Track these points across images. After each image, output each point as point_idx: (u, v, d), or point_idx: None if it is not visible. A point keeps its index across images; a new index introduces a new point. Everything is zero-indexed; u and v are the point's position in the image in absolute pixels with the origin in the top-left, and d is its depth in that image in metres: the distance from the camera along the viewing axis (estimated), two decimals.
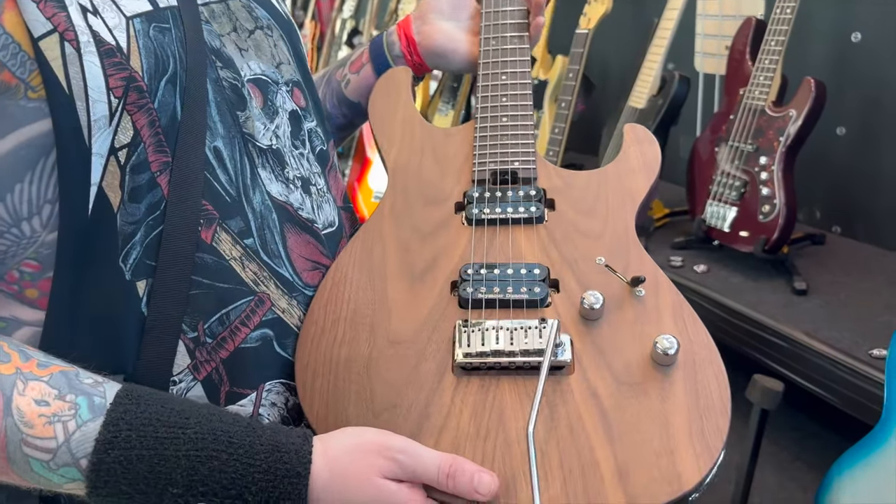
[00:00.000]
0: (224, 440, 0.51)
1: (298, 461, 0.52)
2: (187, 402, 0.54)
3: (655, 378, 0.58)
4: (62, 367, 0.53)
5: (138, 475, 0.50)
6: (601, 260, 0.63)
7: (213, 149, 0.60)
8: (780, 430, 1.47)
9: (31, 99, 0.52)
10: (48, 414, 0.50)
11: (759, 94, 1.49)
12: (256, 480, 0.51)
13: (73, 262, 0.54)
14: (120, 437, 0.50)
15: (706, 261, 1.60)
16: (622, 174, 0.71)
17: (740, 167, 1.52)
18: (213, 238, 0.59)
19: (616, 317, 0.61)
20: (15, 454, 0.50)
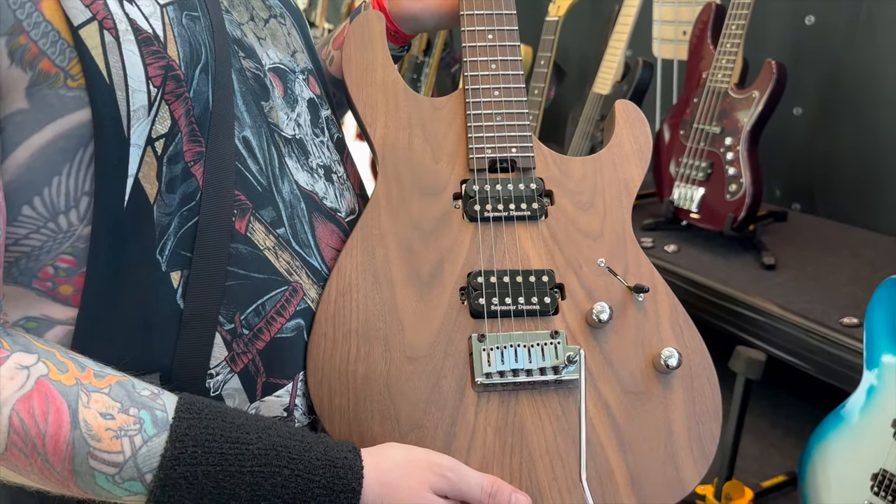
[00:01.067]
0: (285, 456, 0.53)
1: (353, 476, 0.53)
2: (243, 416, 0.54)
3: (657, 386, 0.62)
4: (118, 378, 0.52)
5: (203, 490, 0.50)
6: (602, 262, 0.65)
7: (242, 139, 0.60)
8: (756, 400, 1.53)
9: (71, 88, 0.50)
10: (115, 428, 0.50)
11: (723, 76, 1.54)
12: (316, 495, 0.52)
13: (107, 255, 0.53)
14: (186, 454, 0.50)
15: (676, 241, 1.64)
16: (617, 161, 0.72)
17: (706, 149, 1.56)
18: (248, 228, 0.59)
19: (620, 324, 0.64)
20: (81, 467, 0.49)
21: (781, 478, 1.28)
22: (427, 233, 0.67)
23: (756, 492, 1.24)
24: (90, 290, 0.54)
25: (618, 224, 0.68)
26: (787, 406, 1.53)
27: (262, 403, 0.60)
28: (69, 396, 0.49)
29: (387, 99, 0.72)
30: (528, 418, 0.61)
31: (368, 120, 0.71)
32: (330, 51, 0.87)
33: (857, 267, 1.45)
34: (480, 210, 0.67)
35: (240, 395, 0.59)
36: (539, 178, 0.69)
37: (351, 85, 0.72)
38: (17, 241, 0.52)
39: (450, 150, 0.71)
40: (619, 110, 0.75)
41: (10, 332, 0.51)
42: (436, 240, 0.67)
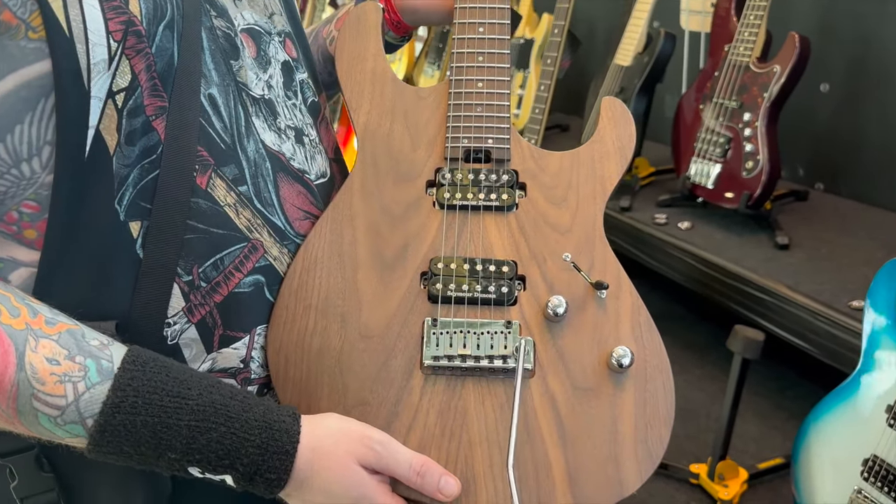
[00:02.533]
0: (223, 413, 0.54)
1: (288, 440, 0.54)
2: (188, 371, 0.56)
3: (608, 384, 0.61)
4: (69, 326, 0.54)
5: (141, 439, 0.52)
6: (567, 257, 0.64)
7: (207, 96, 0.60)
8: (761, 381, 1.51)
9: (32, 39, 0.52)
10: (59, 373, 0.52)
11: (744, 50, 1.50)
12: (249, 454, 0.53)
13: (68, 202, 0.55)
14: (126, 403, 0.52)
15: (691, 218, 1.62)
16: (596, 158, 0.70)
17: (724, 124, 1.53)
18: (208, 184, 0.60)
19: (578, 319, 0.63)
20: (24, 407, 0.51)
21: (779, 460, 1.26)
22: (396, 217, 0.68)
23: (751, 473, 1.23)
24: (52, 236, 0.55)
25: (588, 220, 0.67)
26: (793, 388, 1.51)
27: (219, 355, 0.62)
28: (17, 340, 0.51)
29: (373, 87, 0.73)
30: (472, 404, 0.61)
31: (353, 106, 0.73)
32: (331, 30, 0.88)
33: (874, 248, 1.42)
34: (450, 198, 0.68)
35: (196, 345, 0.61)
36: (513, 169, 0.70)
37: (341, 71, 0.73)
38: None
39: (428, 139, 0.71)
40: (604, 107, 0.74)
41: None
42: (403, 225, 0.68)
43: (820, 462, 1.05)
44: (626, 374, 0.61)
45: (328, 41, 0.87)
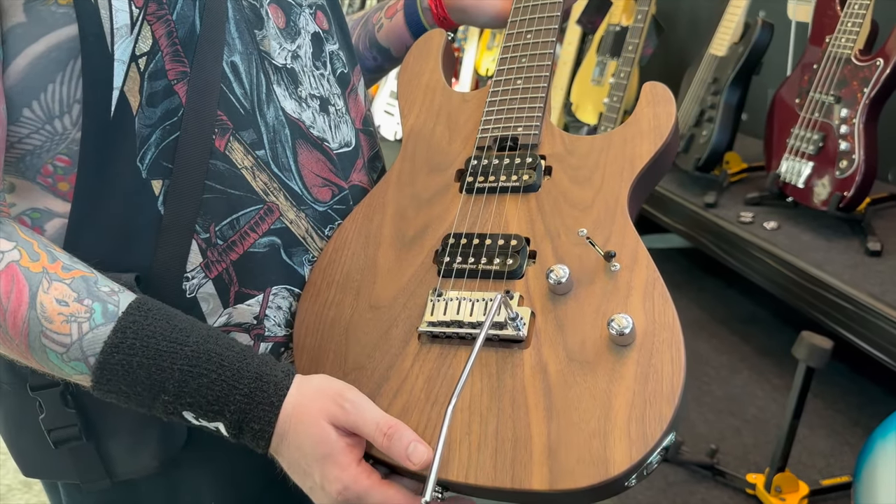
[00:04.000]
0: (216, 361, 0.56)
1: (275, 392, 0.56)
2: (191, 322, 0.58)
3: (609, 358, 0.57)
4: (84, 273, 0.58)
5: (136, 379, 0.56)
6: (583, 232, 0.62)
7: (230, 63, 0.63)
8: (841, 395, 1.42)
9: (61, 5, 0.57)
10: (66, 313, 0.56)
11: (846, 41, 1.40)
12: (236, 401, 0.56)
13: (95, 159, 0.60)
14: (125, 344, 0.55)
15: (778, 218, 1.53)
16: (628, 138, 0.68)
17: (819, 120, 1.44)
18: (226, 147, 0.63)
19: (584, 291, 0.60)
20: (35, 343, 0.56)
21: (846, 478, 1.18)
22: (422, 202, 0.71)
23: (813, 488, 1.16)
24: (80, 190, 0.60)
25: (611, 196, 0.66)
26: (873, 404, 1.41)
27: (235, 310, 0.65)
28: (32, 281, 0.56)
29: (424, 97, 0.79)
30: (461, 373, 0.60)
31: (405, 112, 0.79)
32: (381, 17, 0.90)
33: None
34: (473, 181, 0.69)
35: (213, 300, 0.64)
36: (540, 154, 0.70)
37: (400, 85, 0.81)
38: (21, 139, 0.60)
39: (465, 134, 0.74)
40: (645, 90, 0.72)
41: (2, 220, 0.58)
42: (428, 208, 0.70)
43: (885, 482, 0.97)
44: (630, 346, 0.57)
45: (376, 28, 0.90)
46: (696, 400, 1.50)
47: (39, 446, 0.65)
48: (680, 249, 2.09)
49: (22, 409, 0.65)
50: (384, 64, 0.92)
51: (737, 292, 1.90)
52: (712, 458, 1.26)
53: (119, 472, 0.65)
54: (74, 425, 0.63)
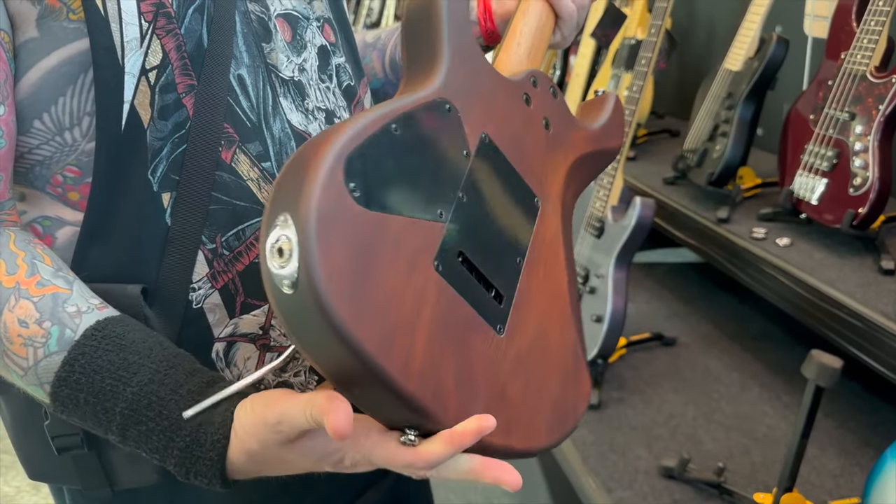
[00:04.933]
0: (156, 408, 0.54)
1: (213, 447, 0.53)
2: (145, 354, 0.55)
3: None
4: (57, 289, 0.57)
5: (85, 414, 0.55)
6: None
7: (237, 76, 0.64)
8: (852, 414, 1.40)
9: (72, 20, 0.57)
10: (25, 336, 0.55)
11: (862, 58, 1.39)
12: (175, 455, 0.54)
13: (107, 172, 0.60)
14: (72, 378, 0.55)
15: (791, 234, 1.52)
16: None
17: (834, 136, 1.43)
18: (233, 159, 0.64)
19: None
20: (0, 360, 0.56)
21: (855, 500, 1.17)
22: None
23: None
24: (93, 202, 0.61)
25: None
26: (885, 424, 1.39)
27: (241, 321, 0.65)
28: (1, 297, 0.56)
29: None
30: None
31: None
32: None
33: None
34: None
35: (220, 310, 0.64)
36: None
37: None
38: (31, 150, 0.60)
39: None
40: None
41: (1, 231, 0.59)
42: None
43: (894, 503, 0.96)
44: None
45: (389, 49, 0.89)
46: (705, 417, 1.49)
47: (44, 451, 0.66)
48: (692, 264, 2.08)
49: (28, 414, 0.66)
50: None
51: (748, 309, 1.89)
52: (719, 477, 1.25)
53: (120, 481, 0.65)
54: (77, 434, 0.64)
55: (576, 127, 0.74)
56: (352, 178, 0.50)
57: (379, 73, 0.91)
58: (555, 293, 0.65)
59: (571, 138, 0.72)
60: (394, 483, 0.82)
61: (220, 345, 0.65)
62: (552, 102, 0.72)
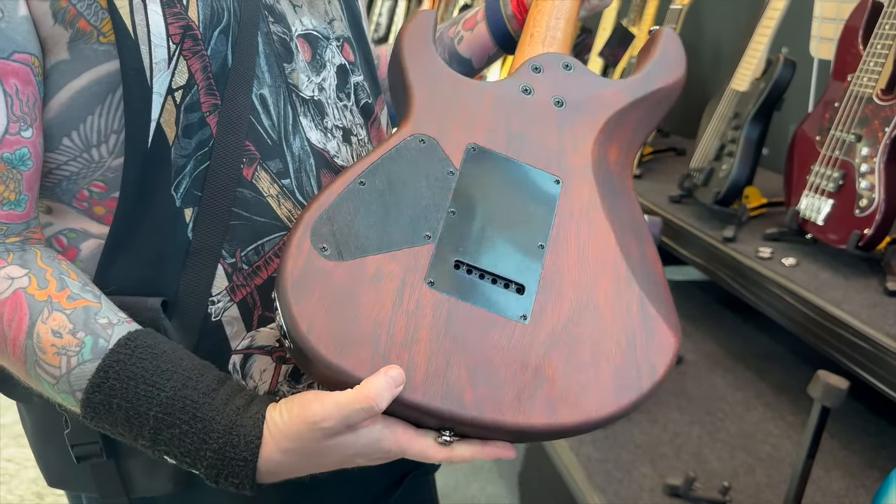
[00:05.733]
0: (190, 411, 0.56)
1: (246, 447, 0.56)
2: (177, 362, 0.58)
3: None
4: (88, 303, 0.59)
5: (117, 420, 0.57)
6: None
7: (259, 96, 0.65)
8: (857, 435, 1.41)
9: (102, 43, 0.59)
10: (58, 345, 0.57)
11: (868, 81, 1.41)
12: (207, 457, 0.56)
13: (134, 188, 0.62)
14: (107, 384, 0.57)
15: (797, 254, 1.53)
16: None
17: (840, 158, 1.44)
18: (254, 176, 0.65)
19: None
20: (31, 371, 0.58)
21: None
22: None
23: None
24: (119, 217, 0.62)
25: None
26: (892, 446, 1.39)
27: (258, 333, 0.66)
28: (34, 309, 0.57)
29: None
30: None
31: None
32: (459, 30, 0.92)
33: None
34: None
35: (238, 323, 0.65)
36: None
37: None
38: (59, 166, 0.62)
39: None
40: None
41: (27, 248, 0.61)
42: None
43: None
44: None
45: (456, 41, 0.91)
46: (710, 436, 1.49)
47: (63, 459, 0.67)
48: (697, 283, 2.09)
49: (49, 422, 0.67)
50: (468, 72, 0.93)
51: (753, 328, 1.89)
52: (724, 496, 1.25)
53: (137, 489, 0.66)
54: (96, 442, 0.65)
55: (603, 87, 0.73)
56: (320, 241, 0.60)
57: None
58: (600, 259, 0.64)
59: (597, 101, 0.72)
60: (402, 492, 0.83)
61: (237, 357, 0.66)
62: (564, 78, 0.72)
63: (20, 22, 0.57)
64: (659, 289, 0.65)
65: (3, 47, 0.56)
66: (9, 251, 0.59)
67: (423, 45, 0.72)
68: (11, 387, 0.67)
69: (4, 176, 0.58)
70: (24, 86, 0.58)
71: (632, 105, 0.72)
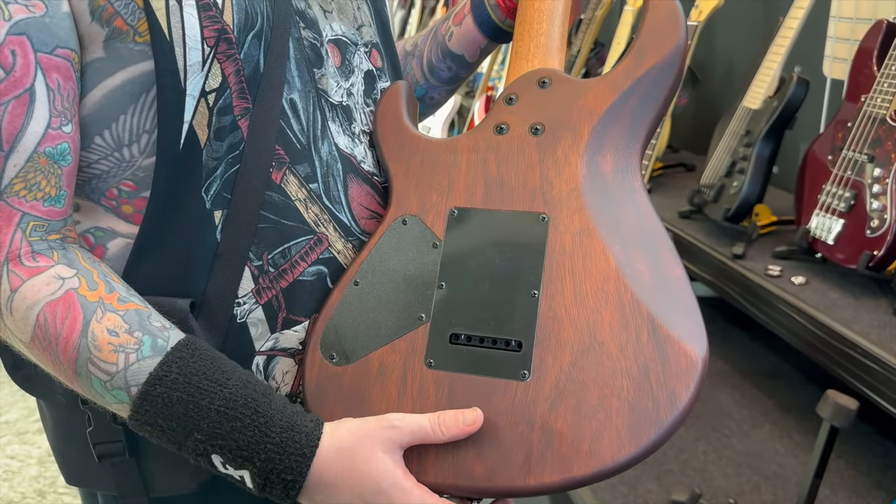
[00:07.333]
0: (252, 406, 0.58)
1: (307, 443, 0.58)
2: (234, 366, 0.61)
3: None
4: (138, 306, 0.61)
5: (173, 414, 0.58)
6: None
7: (289, 101, 0.66)
8: (864, 455, 1.40)
9: (138, 42, 0.60)
10: (116, 343, 0.58)
11: (882, 102, 1.41)
12: (267, 450, 0.57)
13: (165, 188, 0.62)
14: (169, 378, 0.58)
15: (807, 273, 1.53)
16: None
17: (852, 178, 1.44)
18: (282, 179, 0.66)
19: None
20: (81, 369, 0.58)
21: None
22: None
23: None
24: (149, 217, 0.63)
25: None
26: None
27: (281, 335, 0.67)
28: (87, 310, 0.58)
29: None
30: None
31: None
32: (450, 26, 0.91)
33: None
34: None
35: (262, 325, 0.66)
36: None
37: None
38: (90, 164, 0.63)
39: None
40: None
41: (67, 246, 0.61)
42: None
43: None
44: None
45: (447, 37, 0.90)
46: (716, 452, 1.49)
47: (84, 457, 0.67)
48: (705, 298, 2.08)
49: (72, 420, 0.67)
50: (459, 72, 0.91)
51: (761, 345, 1.89)
52: None
53: (157, 489, 0.67)
54: (119, 441, 0.65)
55: (581, 95, 0.66)
56: (329, 350, 0.66)
57: (420, 81, 0.92)
58: (600, 291, 0.60)
59: (577, 112, 0.66)
60: None
61: (261, 358, 0.66)
62: (540, 99, 0.67)
63: (62, 18, 0.57)
64: (677, 299, 0.60)
65: (47, 41, 0.57)
66: (52, 249, 0.60)
67: (393, 121, 0.72)
68: (34, 384, 0.67)
69: (46, 171, 0.59)
70: (65, 81, 0.58)
71: (619, 101, 0.65)
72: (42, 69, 0.57)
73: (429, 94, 0.92)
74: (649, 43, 0.65)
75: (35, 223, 0.59)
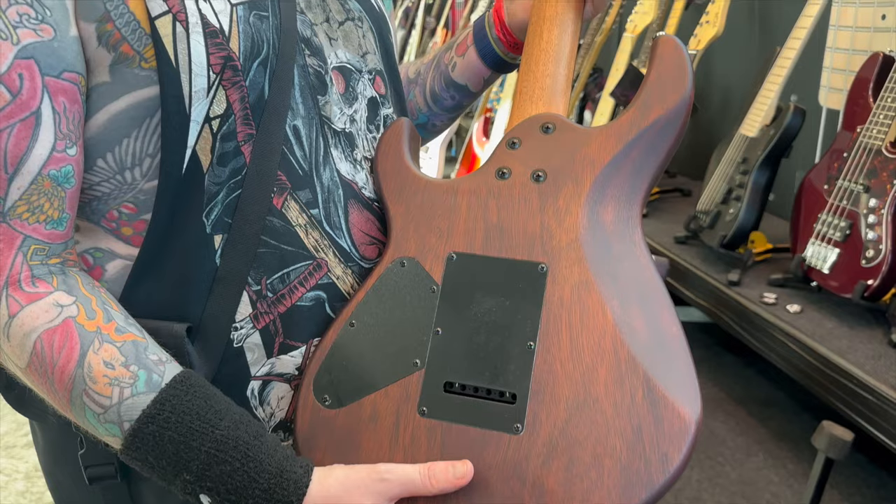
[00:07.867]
0: (242, 450, 0.58)
1: (294, 490, 0.57)
2: (228, 404, 0.60)
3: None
4: (135, 337, 0.60)
5: (164, 452, 0.57)
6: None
7: (292, 127, 0.66)
8: (857, 486, 1.40)
9: (144, 68, 0.60)
10: (111, 377, 0.58)
11: (878, 133, 1.42)
12: (255, 495, 0.57)
13: (166, 212, 0.62)
14: (161, 416, 0.57)
15: (802, 301, 1.53)
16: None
17: (847, 207, 1.45)
18: (283, 205, 0.66)
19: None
20: (76, 399, 0.58)
21: None
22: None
23: None
24: (150, 240, 0.63)
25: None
26: (892, 500, 1.39)
27: (278, 360, 0.66)
28: (85, 340, 0.58)
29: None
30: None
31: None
32: (452, 56, 0.91)
33: None
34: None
35: (259, 349, 0.66)
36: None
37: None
38: (92, 186, 0.63)
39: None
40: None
41: (67, 271, 0.61)
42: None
43: None
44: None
45: (450, 67, 0.91)
46: (710, 480, 1.48)
47: (75, 480, 0.66)
48: (700, 324, 2.09)
49: (64, 442, 0.66)
50: (462, 101, 0.92)
51: (755, 373, 1.89)
52: None
53: None
54: (111, 464, 0.65)
55: (585, 144, 0.65)
56: (321, 393, 0.64)
57: (423, 109, 0.92)
58: (597, 346, 0.59)
59: (580, 161, 0.64)
60: None
61: (256, 383, 0.66)
62: (543, 145, 0.66)
63: (71, 42, 0.58)
64: (673, 359, 0.59)
65: (54, 65, 0.57)
66: (52, 274, 0.60)
67: (395, 160, 0.71)
68: (26, 405, 0.66)
69: (50, 193, 0.59)
70: (71, 104, 0.58)
71: (623, 152, 0.64)
72: (49, 92, 0.57)
73: (431, 121, 0.93)
74: (655, 93, 0.64)
75: (36, 247, 0.59)
